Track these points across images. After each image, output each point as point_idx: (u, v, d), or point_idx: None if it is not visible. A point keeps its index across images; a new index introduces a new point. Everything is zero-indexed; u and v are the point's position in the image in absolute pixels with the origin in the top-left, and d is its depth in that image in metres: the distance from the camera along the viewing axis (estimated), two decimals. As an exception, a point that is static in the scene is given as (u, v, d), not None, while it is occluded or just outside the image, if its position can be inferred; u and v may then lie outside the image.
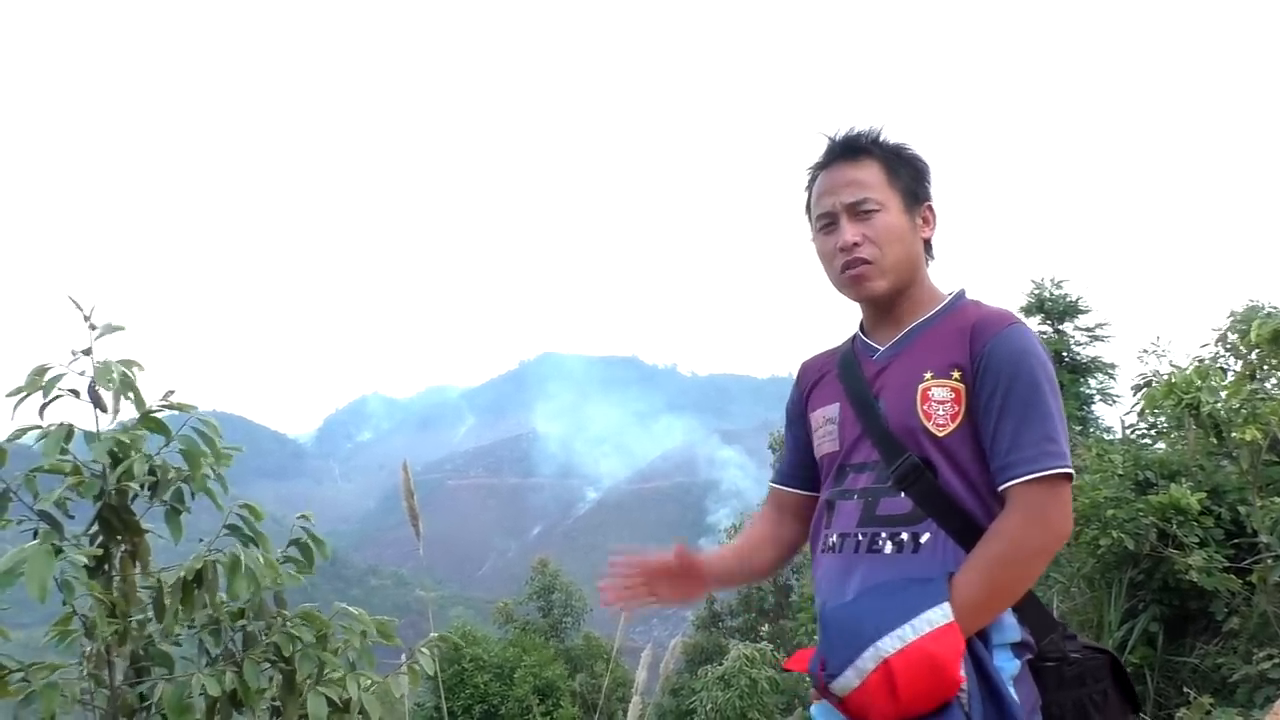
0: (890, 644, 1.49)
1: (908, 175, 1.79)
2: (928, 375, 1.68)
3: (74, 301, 2.16)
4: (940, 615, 1.51)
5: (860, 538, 1.71)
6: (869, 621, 1.54)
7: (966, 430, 1.64)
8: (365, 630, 2.54)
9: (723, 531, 23.01)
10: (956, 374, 1.65)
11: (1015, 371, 1.61)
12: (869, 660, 1.50)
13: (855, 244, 1.73)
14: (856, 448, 1.76)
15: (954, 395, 1.65)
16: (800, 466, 1.96)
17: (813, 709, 1.70)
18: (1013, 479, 1.58)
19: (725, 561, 2.00)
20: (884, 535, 1.67)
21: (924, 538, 1.64)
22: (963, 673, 1.50)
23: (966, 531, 1.62)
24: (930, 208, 1.81)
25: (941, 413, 1.65)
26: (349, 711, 2.37)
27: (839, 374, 1.85)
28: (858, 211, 1.74)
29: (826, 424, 1.84)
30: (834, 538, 1.76)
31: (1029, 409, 1.59)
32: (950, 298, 1.79)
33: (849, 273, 1.74)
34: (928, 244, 1.82)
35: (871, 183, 1.75)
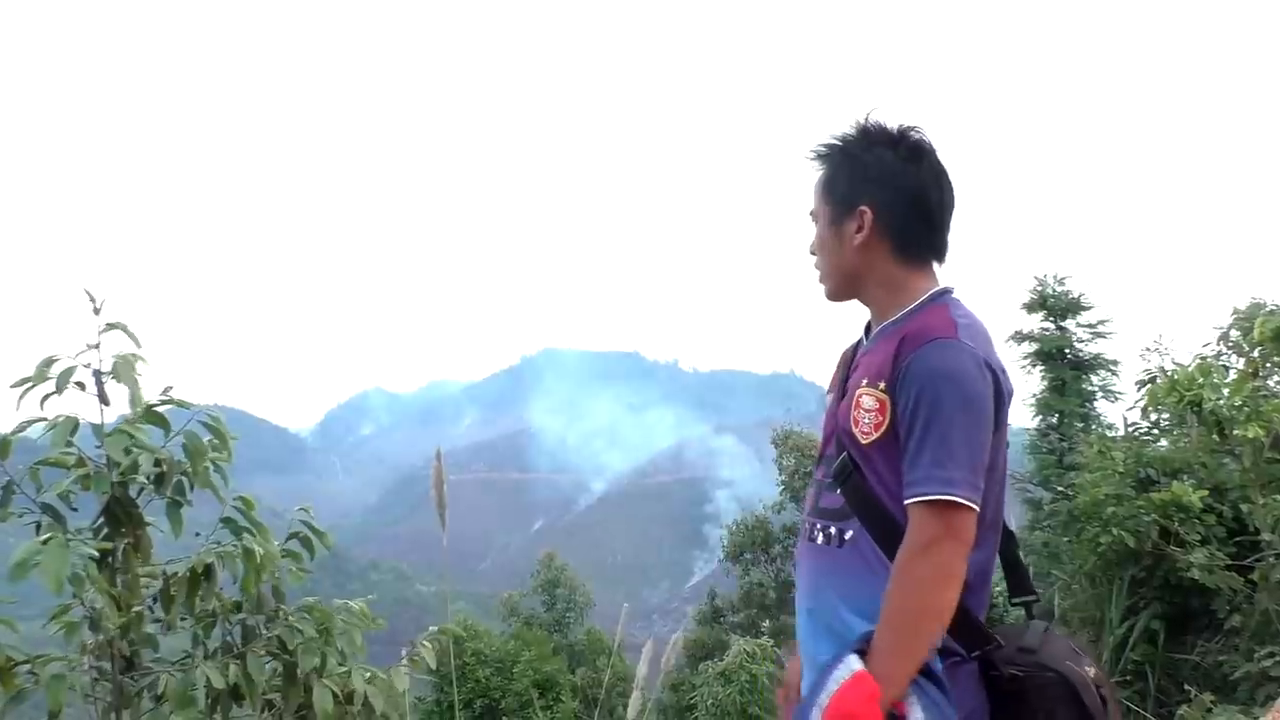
0: (815, 714, 1.59)
1: (843, 180, 1.80)
2: (864, 382, 1.73)
3: (88, 294, 2.15)
4: (845, 670, 1.59)
5: (807, 525, 1.84)
6: (807, 703, 1.65)
7: (887, 441, 1.68)
8: (364, 625, 2.55)
9: (723, 528, 22.98)
10: (882, 385, 1.69)
11: (921, 391, 1.62)
12: None
13: (812, 253, 1.89)
14: (828, 440, 1.85)
15: (879, 406, 1.69)
16: None
17: None
18: (906, 498, 1.62)
19: None
20: (819, 527, 1.79)
21: (848, 534, 1.73)
22: (911, 701, 1.58)
23: (888, 534, 1.67)
24: (862, 211, 1.76)
25: (867, 421, 1.70)
26: (352, 704, 2.38)
27: (842, 362, 1.94)
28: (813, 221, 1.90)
29: (825, 411, 1.94)
30: (802, 519, 1.90)
31: (928, 431, 1.60)
32: (919, 301, 1.76)
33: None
34: (895, 241, 1.77)
35: (815, 194, 1.87)
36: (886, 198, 1.76)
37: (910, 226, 1.78)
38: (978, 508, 1.60)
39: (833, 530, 1.75)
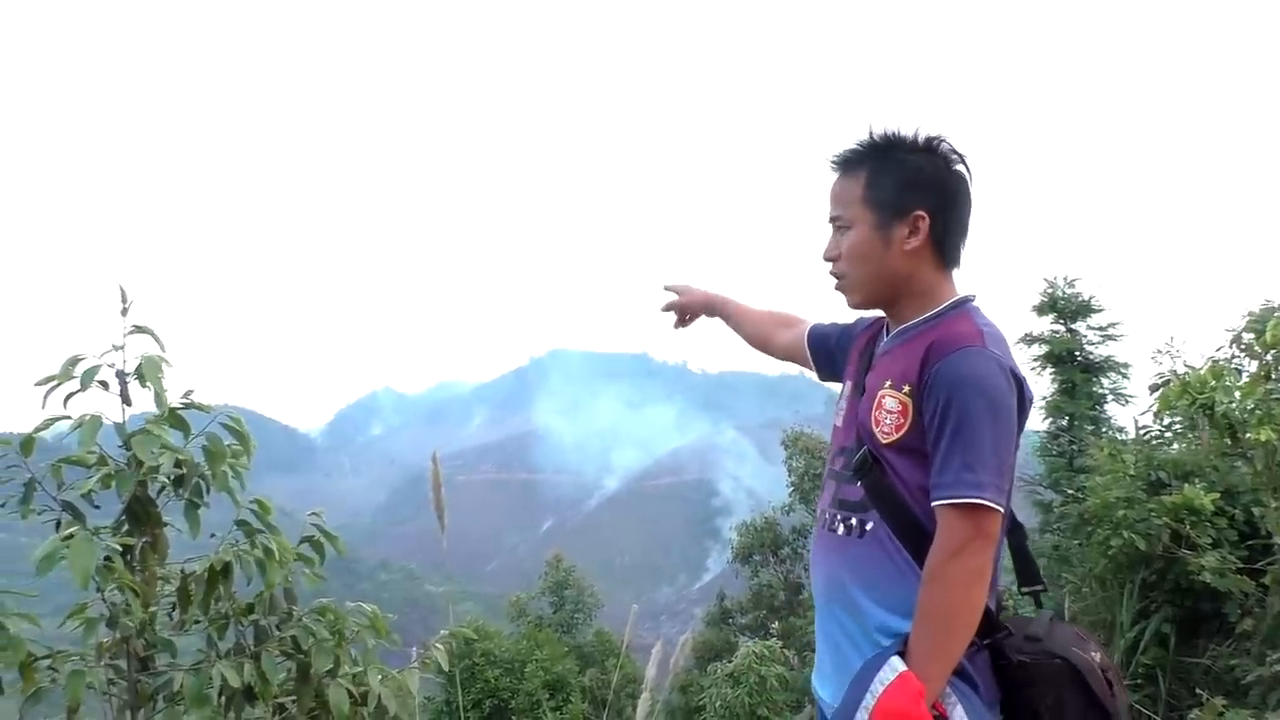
0: (861, 717, 1.61)
1: (892, 185, 1.79)
2: (887, 384, 1.78)
3: (121, 291, 2.18)
4: (890, 671, 1.62)
5: (827, 516, 1.88)
6: (846, 707, 1.67)
7: (908, 442, 1.73)
8: (377, 627, 2.56)
9: (732, 530, 22.97)
10: (907, 389, 1.74)
11: (950, 398, 1.66)
12: None
13: (832, 259, 1.87)
14: (845, 431, 1.90)
15: (901, 408, 1.74)
16: (823, 340, 2.17)
17: None
18: (935, 500, 1.67)
19: (742, 308, 2.41)
20: (839, 518, 1.84)
21: (869, 526, 1.77)
22: (950, 700, 1.62)
23: (907, 528, 1.73)
24: (920, 216, 1.78)
25: (888, 422, 1.75)
26: (365, 704, 2.39)
27: (859, 354, 1.97)
28: (835, 226, 1.86)
29: (839, 400, 1.99)
30: (818, 511, 1.95)
31: (956, 436, 1.65)
32: (943, 306, 1.81)
33: (835, 285, 1.89)
34: (939, 248, 1.80)
35: (848, 198, 1.83)
36: (935, 204, 1.79)
37: (951, 233, 1.82)
38: (1004, 509, 1.65)
39: (853, 521, 1.80)
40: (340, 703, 2.33)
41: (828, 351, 2.17)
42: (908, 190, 1.78)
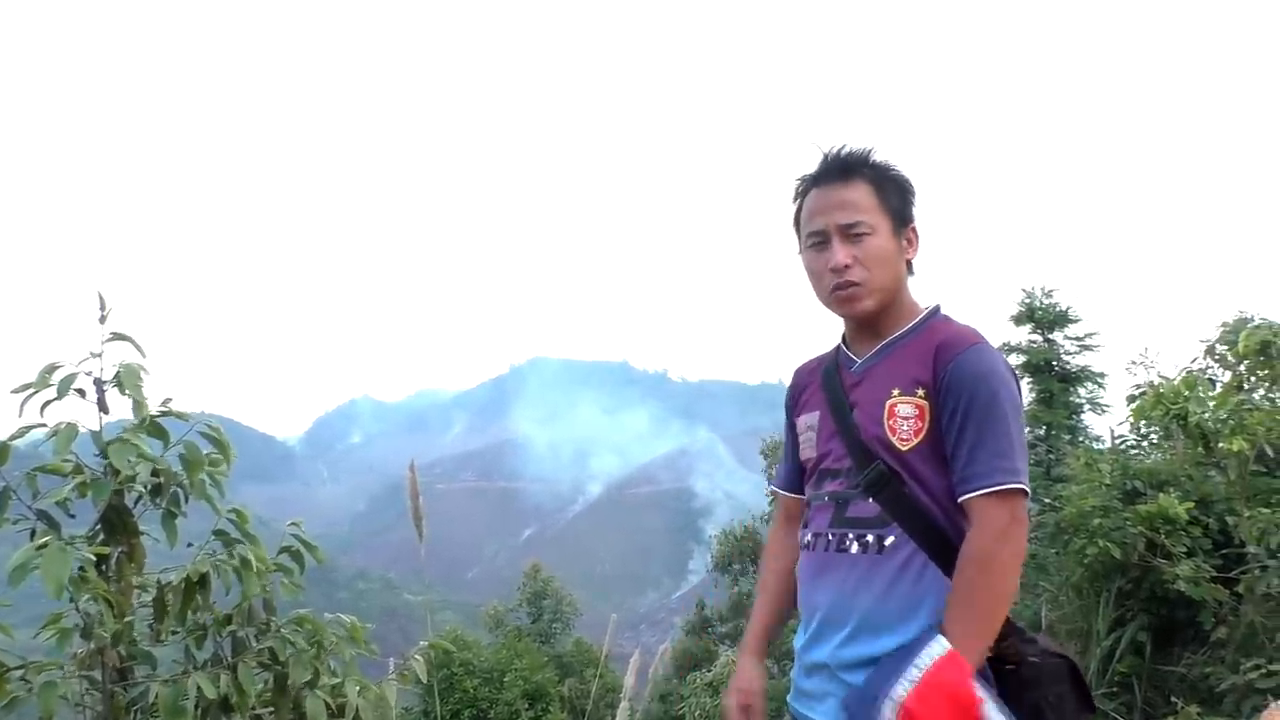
0: (902, 688, 1.59)
1: (896, 198, 1.86)
2: (895, 392, 1.80)
3: (100, 297, 2.16)
4: (939, 647, 1.62)
5: (831, 537, 1.86)
6: (878, 681, 1.64)
7: (929, 444, 1.76)
8: (355, 637, 2.54)
9: (711, 537, 23.00)
10: (921, 391, 1.77)
11: (974, 392, 1.72)
12: (888, 711, 1.59)
13: (846, 265, 1.82)
14: (831, 454, 1.90)
15: (918, 412, 1.77)
16: (796, 470, 2.08)
17: None
18: (968, 492, 1.70)
19: (771, 618, 2.13)
20: (851, 536, 1.83)
21: (888, 540, 1.78)
22: (980, 692, 1.61)
23: (929, 535, 1.75)
24: (914, 229, 1.89)
25: (905, 428, 1.78)
26: (343, 716, 2.37)
27: (821, 384, 1.98)
28: (849, 234, 1.83)
29: (807, 430, 1.98)
30: (809, 536, 1.92)
31: (984, 427, 1.70)
32: (924, 314, 1.89)
33: (839, 293, 1.85)
34: (909, 262, 1.90)
35: (864, 205, 1.84)
36: (915, 224, 1.90)
37: None
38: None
39: (869, 538, 1.80)
40: (317, 714, 2.31)
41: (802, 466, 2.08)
42: (904, 202, 1.88)
